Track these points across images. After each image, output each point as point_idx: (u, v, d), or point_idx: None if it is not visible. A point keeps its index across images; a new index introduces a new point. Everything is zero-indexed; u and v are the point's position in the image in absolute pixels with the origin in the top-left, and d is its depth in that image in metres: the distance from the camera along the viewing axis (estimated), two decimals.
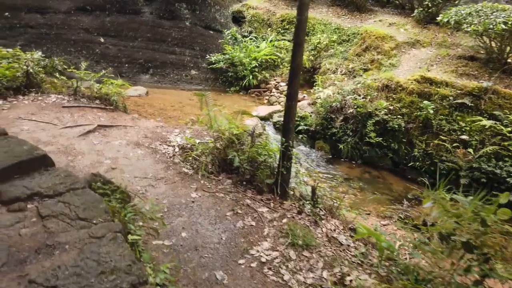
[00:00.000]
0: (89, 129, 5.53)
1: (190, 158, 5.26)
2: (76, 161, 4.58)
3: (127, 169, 4.64)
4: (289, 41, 11.30)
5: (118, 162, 4.77)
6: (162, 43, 10.62)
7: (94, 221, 2.48)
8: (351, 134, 7.81)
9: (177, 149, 5.55)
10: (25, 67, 6.54)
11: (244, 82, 10.70)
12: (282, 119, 4.89)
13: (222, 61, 10.79)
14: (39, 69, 6.74)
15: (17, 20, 10.26)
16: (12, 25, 10.22)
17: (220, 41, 11.29)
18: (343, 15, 12.05)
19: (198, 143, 5.71)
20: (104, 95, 7.13)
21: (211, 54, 10.96)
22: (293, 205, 4.39)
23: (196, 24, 11.01)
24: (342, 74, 9.71)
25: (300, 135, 8.28)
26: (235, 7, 12.56)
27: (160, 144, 5.64)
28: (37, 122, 5.51)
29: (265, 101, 10.53)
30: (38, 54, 7.00)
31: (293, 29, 12.68)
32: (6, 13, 10.30)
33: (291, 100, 4.28)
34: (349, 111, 7.91)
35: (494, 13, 7.81)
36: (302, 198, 4.62)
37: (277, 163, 4.49)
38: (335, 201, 4.62)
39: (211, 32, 11.33)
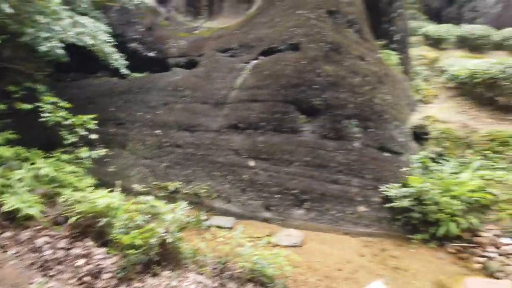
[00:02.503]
0: None
1: None
2: None
3: None
4: (506, 170, 7.78)
5: None
6: (323, 169, 8.27)
7: None
8: None
9: None
10: (163, 232, 4.66)
11: (438, 230, 7.34)
12: None
13: (404, 196, 7.76)
14: (178, 235, 4.78)
15: (166, 138, 9.38)
16: (161, 144, 9.35)
17: (402, 169, 8.36)
18: None
19: None
20: (259, 273, 4.75)
21: (386, 185, 8.07)
22: None
23: (368, 146, 8.44)
24: None
25: None
26: (414, 121, 9.74)
27: None
28: None
29: (476, 266, 6.86)
30: (181, 208, 5.17)
31: (510, 153, 9.15)
32: (158, 131, 9.58)
33: None
34: None
35: None
36: None
37: None
38: None
39: (387, 155, 8.55)
